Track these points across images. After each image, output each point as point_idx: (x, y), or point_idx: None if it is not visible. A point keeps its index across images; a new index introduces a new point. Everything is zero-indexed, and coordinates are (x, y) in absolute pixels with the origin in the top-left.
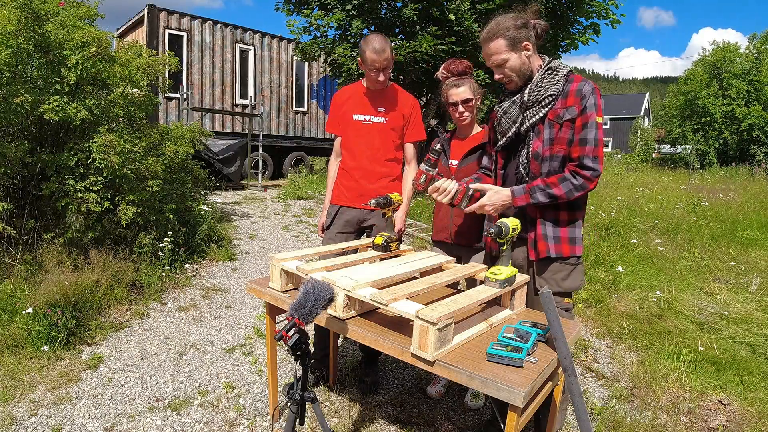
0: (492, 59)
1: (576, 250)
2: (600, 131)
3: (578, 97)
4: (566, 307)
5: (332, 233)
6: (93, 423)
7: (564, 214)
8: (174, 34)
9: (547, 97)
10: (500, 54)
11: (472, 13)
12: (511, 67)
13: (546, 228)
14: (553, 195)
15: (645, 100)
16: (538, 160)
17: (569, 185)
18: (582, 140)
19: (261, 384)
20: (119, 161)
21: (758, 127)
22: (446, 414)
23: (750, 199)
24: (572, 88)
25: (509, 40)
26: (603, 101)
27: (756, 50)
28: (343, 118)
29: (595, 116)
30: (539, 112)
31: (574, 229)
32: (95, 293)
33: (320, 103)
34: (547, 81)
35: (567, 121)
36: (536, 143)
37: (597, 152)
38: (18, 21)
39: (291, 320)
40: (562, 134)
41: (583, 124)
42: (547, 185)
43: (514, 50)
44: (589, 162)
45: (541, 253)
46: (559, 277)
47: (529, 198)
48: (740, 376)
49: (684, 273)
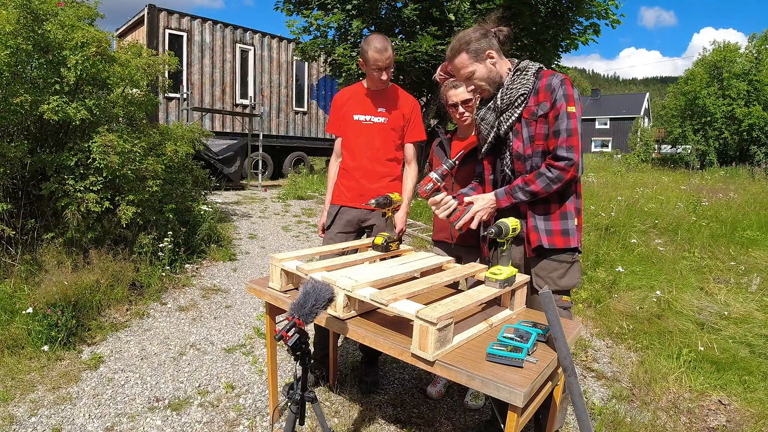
0: (461, 73)
1: (570, 242)
2: (573, 120)
3: (548, 91)
4: (565, 305)
5: (332, 233)
6: (93, 423)
7: (554, 207)
8: (174, 34)
9: (519, 97)
10: (466, 67)
11: (472, 13)
12: (480, 77)
13: (536, 221)
14: (531, 192)
15: (645, 100)
16: (521, 159)
17: (545, 180)
18: (555, 132)
19: (261, 384)
20: (119, 161)
21: (758, 127)
22: (446, 414)
23: (750, 199)
24: (542, 84)
25: (472, 53)
26: (603, 100)
27: (756, 50)
28: (344, 119)
29: (565, 107)
30: (514, 112)
31: (566, 221)
32: (95, 293)
33: (320, 103)
34: (518, 82)
35: (541, 116)
36: (516, 143)
37: (571, 141)
38: (17, 21)
39: (291, 320)
40: (539, 130)
41: (555, 116)
42: (526, 183)
43: (478, 60)
44: (563, 152)
45: (532, 243)
46: (556, 275)
47: (511, 198)
48: (740, 376)
49: (684, 273)
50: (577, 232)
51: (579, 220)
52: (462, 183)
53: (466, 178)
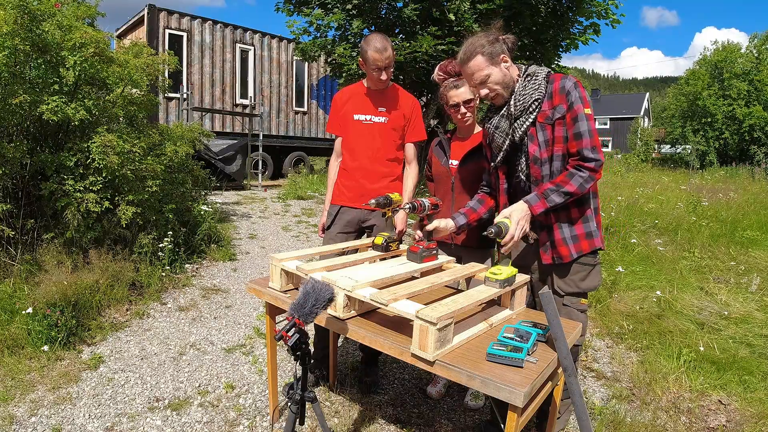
0: (474, 77)
1: (595, 243)
2: (591, 122)
3: (562, 94)
4: (582, 308)
5: (333, 233)
6: (93, 423)
7: (575, 212)
8: (174, 34)
9: (533, 102)
10: (482, 70)
11: (472, 13)
12: (495, 80)
13: (563, 231)
14: (567, 192)
15: (645, 100)
16: (537, 163)
17: (578, 179)
18: (576, 134)
19: (261, 384)
20: (118, 161)
21: (758, 128)
22: (446, 414)
23: (750, 199)
24: (555, 87)
25: (487, 56)
26: (603, 100)
27: (756, 50)
28: (344, 119)
29: (582, 108)
30: (528, 118)
31: (588, 224)
32: (95, 293)
33: (320, 103)
34: (530, 87)
35: (558, 119)
36: (532, 147)
37: (594, 142)
38: (14, 21)
39: (291, 320)
40: (557, 133)
41: (573, 118)
42: (558, 185)
43: (494, 64)
44: (590, 153)
45: (564, 258)
46: (578, 277)
47: (546, 202)
48: (740, 376)
49: (684, 273)
50: (598, 231)
51: (598, 218)
52: (462, 183)
53: (466, 179)
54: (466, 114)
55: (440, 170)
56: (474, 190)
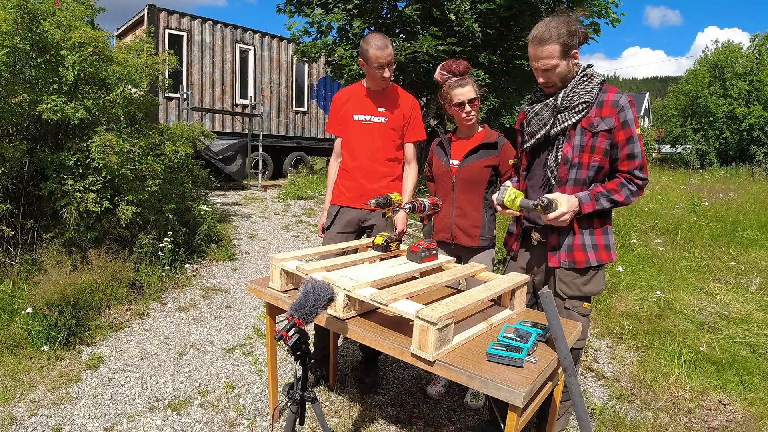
0: (542, 62)
1: (612, 256)
2: (641, 143)
3: (615, 108)
4: (584, 312)
5: (333, 233)
6: (93, 423)
7: (596, 222)
8: (174, 34)
9: (581, 103)
10: (552, 59)
11: (473, 13)
12: (559, 73)
13: (584, 237)
14: (614, 201)
15: (645, 100)
16: (567, 165)
17: (627, 191)
18: (630, 155)
19: (261, 384)
20: (118, 161)
21: (758, 127)
22: (446, 414)
23: (750, 199)
24: (608, 98)
25: (563, 47)
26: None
27: (757, 50)
28: (344, 119)
29: (635, 130)
30: (572, 117)
31: (608, 236)
32: (95, 293)
33: (320, 103)
34: (582, 87)
35: (603, 131)
36: (566, 148)
37: (643, 162)
38: (14, 21)
39: (291, 320)
40: (598, 143)
41: (627, 138)
42: (609, 191)
43: (565, 58)
44: (640, 173)
45: (578, 264)
46: (580, 281)
47: (595, 204)
48: (740, 376)
49: (684, 273)
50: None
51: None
52: (463, 183)
53: (466, 178)
54: (470, 112)
55: (441, 170)
56: (474, 190)
